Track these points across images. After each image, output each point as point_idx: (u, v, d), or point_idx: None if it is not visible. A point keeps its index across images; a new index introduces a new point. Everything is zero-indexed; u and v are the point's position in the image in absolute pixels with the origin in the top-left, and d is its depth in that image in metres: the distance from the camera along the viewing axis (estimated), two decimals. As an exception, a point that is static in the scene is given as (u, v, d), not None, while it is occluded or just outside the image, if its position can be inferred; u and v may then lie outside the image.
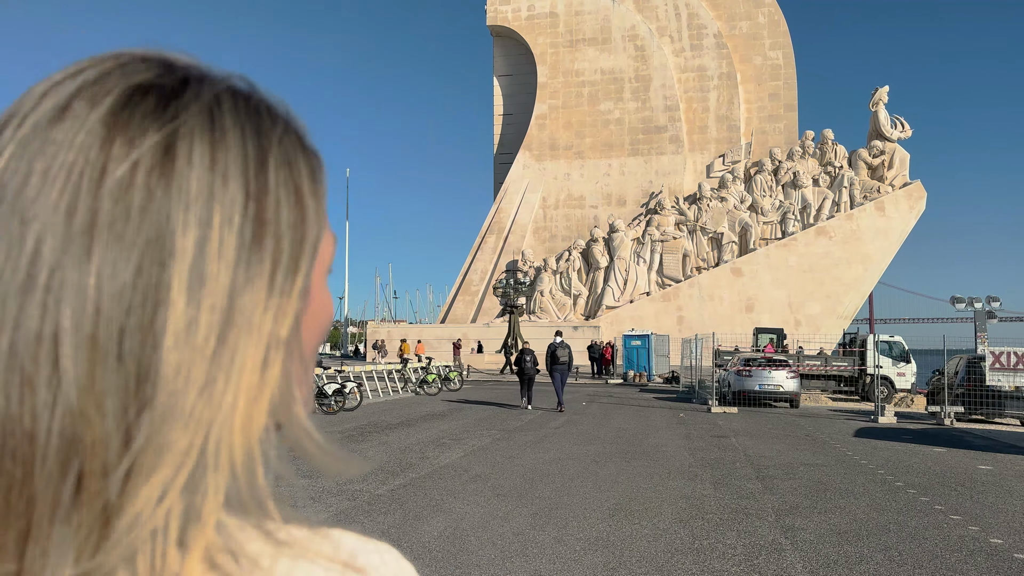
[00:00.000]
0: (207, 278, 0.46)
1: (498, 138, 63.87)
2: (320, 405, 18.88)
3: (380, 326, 61.85)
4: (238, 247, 0.47)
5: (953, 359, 22.59)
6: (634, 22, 58.84)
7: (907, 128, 52.72)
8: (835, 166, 53.43)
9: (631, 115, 58.41)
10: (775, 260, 51.45)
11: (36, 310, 0.44)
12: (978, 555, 6.97)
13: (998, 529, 8.00)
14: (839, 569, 6.46)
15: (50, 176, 0.45)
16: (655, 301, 52.80)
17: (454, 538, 7.16)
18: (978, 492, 10.09)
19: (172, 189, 0.46)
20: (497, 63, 64.06)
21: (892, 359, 30.08)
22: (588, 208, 58.60)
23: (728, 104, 57.22)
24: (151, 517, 0.43)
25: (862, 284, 50.93)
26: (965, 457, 13.58)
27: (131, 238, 0.45)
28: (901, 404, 25.97)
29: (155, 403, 0.44)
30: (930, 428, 18.90)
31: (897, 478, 11.04)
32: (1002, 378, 19.54)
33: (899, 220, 51.10)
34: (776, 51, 57.43)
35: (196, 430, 0.45)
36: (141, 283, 0.45)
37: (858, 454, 13.59)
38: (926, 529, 7.92)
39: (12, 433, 0.43)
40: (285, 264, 0.50)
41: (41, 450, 0.43)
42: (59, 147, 0.46)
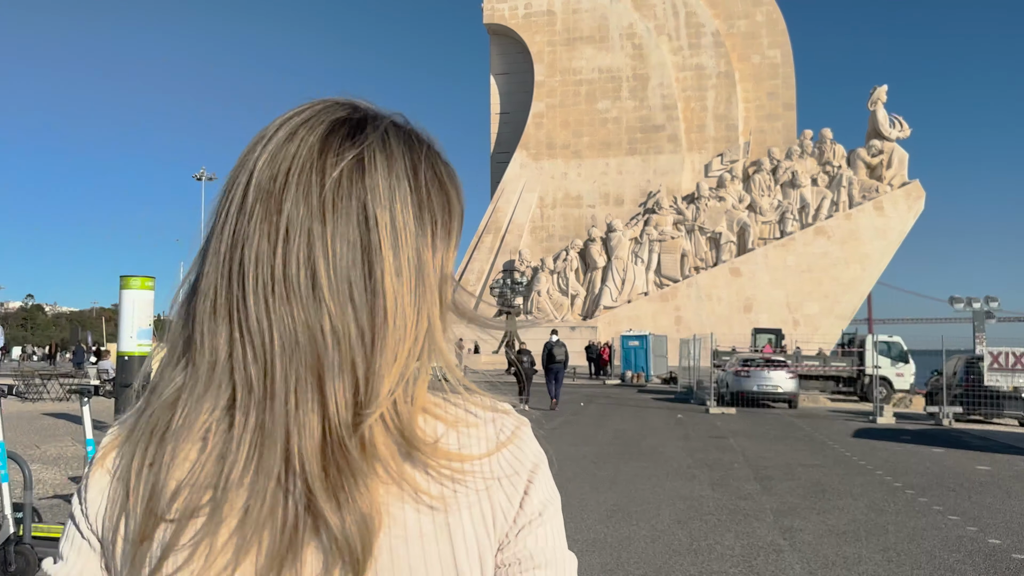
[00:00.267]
0: (399, 239, 0.78)
1: (495, 137, 63.77)
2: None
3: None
4: (413, 220, 0.79)
5: (951, 359, 22.57)
6: (632, 20, 58.77)
7: (906, 127, 52.70)
8: (834, 165, 53.39)
9: (629, 114, 58.34)
10: (773, 260, 51.42)
11: (295, 257, 0.75)
12: (976, 555, 6.93)
13: (996, 529, 7.96)
14: (837, 570, 6.42)
15: (291, 175, 0.78)
16: (653, 301, 52.75)
17: (450, 539, 7.11)
18: (976, 493, 10.05)
19: (366, 184, 0.78)
20: (494, 61, 63.97)
21: (891, 359, 30.04)
22: (586, 208, 58.52)
23: (726, 103, 57.17)
24: (390, 393, 0.77)
25: (860, 284, 50.93)
26: (963, 458, 13.54)
27: (348, 212, 0.77)
28: (900, 404, 25.94)
29: (384, 322, 0.77)
30: (929, 428, 18.87)
31: (896, 479, 11.00)
32: (1000, 378, 19.51)
33: (898, 220, 51.09)
34: (774, 50, 57.39)
35: (412, 337, 0.79)
36: (360, 241, 0.77)
37: (856, 455, 13.55)
38: (924, 530, 7.88)
39: (311, 335, 0.75)
40: (440, 230, 0.83)
41: (327, 349, 0.75)
42: (294, 158, 0.78)
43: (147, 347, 15.06)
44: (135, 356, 14.67)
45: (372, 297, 0.77)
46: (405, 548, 0.78)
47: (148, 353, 15.16)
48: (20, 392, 23.66)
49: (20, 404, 21.17)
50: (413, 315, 0.79)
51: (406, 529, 0.79)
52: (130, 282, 14.95)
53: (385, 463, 0.78)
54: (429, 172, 0.83)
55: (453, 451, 0.81)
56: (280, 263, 0.76)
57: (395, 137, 0.82)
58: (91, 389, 6.45)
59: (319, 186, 0.77)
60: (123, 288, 14.98)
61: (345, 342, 0.76)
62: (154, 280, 15.31)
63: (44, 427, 15.78)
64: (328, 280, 0.75)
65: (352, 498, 0.75)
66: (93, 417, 6.52)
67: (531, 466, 0.86)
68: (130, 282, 14.95)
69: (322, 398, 0.76)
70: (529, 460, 0.86)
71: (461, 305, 0.87)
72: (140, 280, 15.03)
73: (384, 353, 0.77)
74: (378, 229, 0.77)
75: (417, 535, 0.79)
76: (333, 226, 0.76)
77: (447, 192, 0.84)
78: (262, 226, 0.77)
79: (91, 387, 6.46)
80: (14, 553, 5.73)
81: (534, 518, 0.85)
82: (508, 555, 0.83)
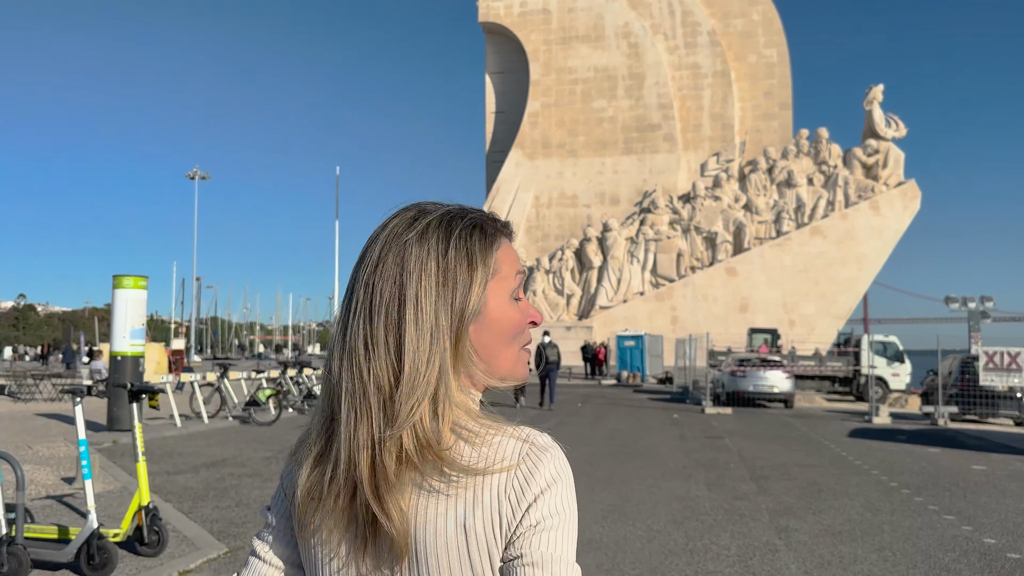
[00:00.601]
0: (420, 312, 1.04)
1: (490, 136, 63.71)
2: (310, 406, 18.76)
3: (373, 325, 61.49)
4: (436, 291, 1.06)
5: (947, 359, 22.60)
6: (628, 19, 58.76)
7: (901, 127, 52.77)
8: (829, 165, 53.45)
9: (624, 113, 58.33)
10: (769, 260, 51.46)
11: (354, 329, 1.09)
12: (972, 555, 6.93)
13: (991, 529, 7.96)
14: (833, 569, 6.41)
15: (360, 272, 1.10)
16: (649, 301, 52.75)
17: (445, 540, 7.08)
18: (972, 492, 10.06)
19: (404, 270, 1.06)
20: (489, 60, 63.90)
21: (887, 359, 30.10)
22: (581, 207, 58.51)
23: (722, 102, 57.20)
24: (412, 413, 1.02)
25: (856, 284, 50.98)
26: (959, 457, 13.56)
27: (390, 295, 1.06)
28: (896, 404, 25.97)
29: (403, 369, 1.03)
30: (924, 428, 18.90)
31: (891, 478, 11.00)
32: (995, 378, 19.54)
33: (894, 219, 51.16)
34: (770, 49, 57.43)
35: (425, 380, 1.03)
36: (395, 316, 1.05)
37: (852, 454, 13.56)
38: (920, 529, 7.88)
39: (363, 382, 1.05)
40: (460, 296, 1.06)
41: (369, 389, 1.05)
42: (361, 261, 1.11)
43: (140, 347, 14.97)
44: (128, 356, 14.58)
45: (398, 353, 1.04)
46: (433, 541, 1.02)
47: (142, 353, 15.09)
48: (12, 392, 23.57)
49: (12, 404, 21.08)
50: (425, 364, 1.03)
51: (432, 525, 1.02)
52: (123, 281, 14.87)
53: (413, 471, 1.03)
54: (459, 251, 1.08)
55: (467, 463, 1.02)
56: (344, 333, 1.09)
57: (435, 227, 1.09)
58: (84, 389, 6.41)
59: (373, 275, 1.08)
60: (116, 288, 14.90)
61: (381, 384, 1.04)
62: (147, 280, 15.22)
63: (36, 427, 15.71)
64: (369, 345, 1.06)
65: (390, 500, 1.02)
66: (85, 418, 6.48)
67: (543, 485, 1.02)
68: (123, 281, 14.87)
69: (368, 425, 1.04)
70: (542, 480, 1.03)
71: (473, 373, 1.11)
72: (133, 280, 14.94)
73: (402, 389, 1.03)
74: (406, 306, 1.05)
75: (441, 531, 1.02)
76: (379, 306, 1.06)
77: (473, 266, 1.09)
78: (343, 306, 1.12)
79: (84, 387, 6.42)
80: (6, 554, 5.69)
81: (534, 526, 1.01)
82: (508, 554, 1.01)
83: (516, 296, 1.14)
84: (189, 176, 74.34)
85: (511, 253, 1.14)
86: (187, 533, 7.20)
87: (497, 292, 1.10)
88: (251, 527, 7.52)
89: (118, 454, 12.04)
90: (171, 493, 9.14)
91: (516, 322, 1.12)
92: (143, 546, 6.40)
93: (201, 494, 9.12)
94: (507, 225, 1.18)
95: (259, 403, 16.69)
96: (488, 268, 1.09)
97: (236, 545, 6.88)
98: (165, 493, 9.10)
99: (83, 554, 5.86)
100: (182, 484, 9.75)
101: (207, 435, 14.79)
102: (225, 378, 17.81)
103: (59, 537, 6.18)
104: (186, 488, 9.48)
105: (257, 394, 16.88)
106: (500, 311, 1.10)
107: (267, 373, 19.99)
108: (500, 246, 1.12)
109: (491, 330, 1.09)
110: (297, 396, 19.16)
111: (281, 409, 17.00)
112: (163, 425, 15.69)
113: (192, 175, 74.32)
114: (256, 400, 16.72)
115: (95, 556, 5.85)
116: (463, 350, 1.07)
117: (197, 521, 7.73)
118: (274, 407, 16.70)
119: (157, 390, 7.34)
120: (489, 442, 1.04)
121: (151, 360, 25.12)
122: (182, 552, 6.59)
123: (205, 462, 11.51)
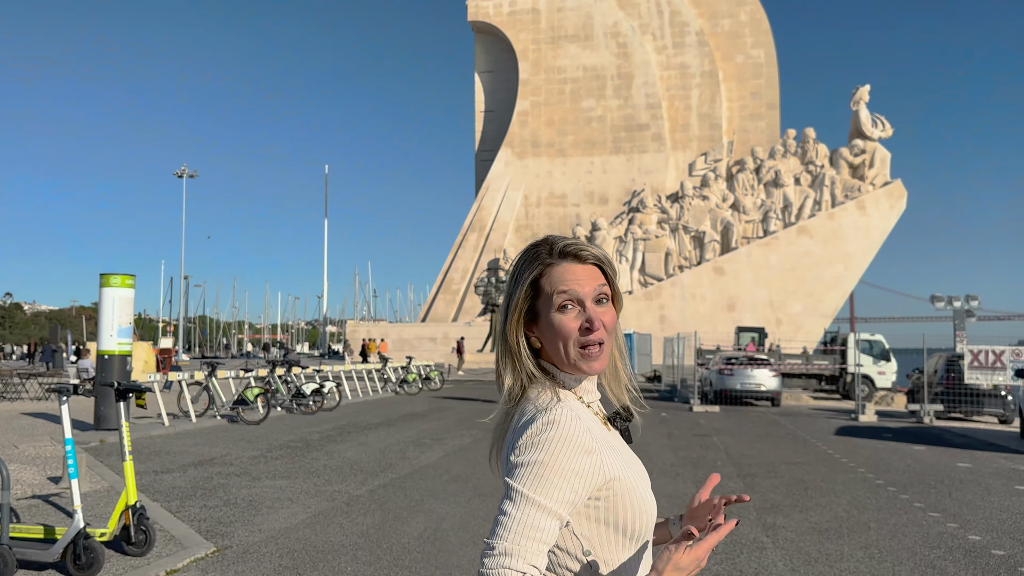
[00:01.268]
0: (499, 321, 1.60)
1: (479, 135, 63.68)
2: (298, 405, 18.71)
3: (360, 325, 61.51)
4: (505, 303, 1.59)
5: (933, 357, 22.78)
6: (616, 19, 58.86)
7: (888, 127, 53.11)
8: (816, 165, 53.74)
9: (613, 113, 58.45)
10: (757, 259, 51.69)
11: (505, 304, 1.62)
12: (957, 551, 7.00)
13: (976, 526, 8.04)
14: (820, 566, 6.45)
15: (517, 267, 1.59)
16: (637, 300, 52.87)
17: (434, 538, 7.08)
18: (957, 489, 10.15)
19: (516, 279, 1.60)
20: (478, 59, 63.87)
21: (873, 358, 30.27)
22: (570, 206, 58.60)
23: (710, 102, 57.41)
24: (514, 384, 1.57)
25: (843, 283, 51.28)
26: (944, 455, 13.67)
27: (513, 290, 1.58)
28: (882, 402, 26.14)
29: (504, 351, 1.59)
30: (910, 426, 19.04)
31: (877, 476, 11.08)
32: (980, 376, 19.71)
33: (880, 219, 51.50)
34: (758, 49, 57.68)
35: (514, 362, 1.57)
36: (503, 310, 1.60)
37: (839, 452, 13.65)
38: (905, 526, 7.94)
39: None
40: (509, 312, 1.56)
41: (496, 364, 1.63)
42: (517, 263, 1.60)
43: (127, 345, 14.88)
44: (115, 355, 14.48)
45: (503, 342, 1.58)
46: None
47: (129, 352, 15.00)
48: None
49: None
50: (501, 355, 1.59)
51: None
52: (110, 280, 14.77)
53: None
54: (521, 273, 1.57)
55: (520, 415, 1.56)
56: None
57: (522, 255, 1.60)
58: (70, 388, 6.37)
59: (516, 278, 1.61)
60: (103, 286, 14.80)
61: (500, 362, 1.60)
62: (134, 278, 15.13)
63: (22, 427, 15.59)
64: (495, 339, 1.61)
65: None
66: (72, 417, 6.44)
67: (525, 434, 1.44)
68: (110, 280, 14.77)
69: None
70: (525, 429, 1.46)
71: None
72: (120, 278, 14.84)
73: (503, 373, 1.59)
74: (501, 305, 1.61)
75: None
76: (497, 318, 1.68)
77: (520, 286, 1.56)
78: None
79: (70, 386, 6.38)
80: (-9, 554, 5.65)
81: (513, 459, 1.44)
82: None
83: (562, 306, 1.51)
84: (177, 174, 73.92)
85: (560, 276, 1.53)
86: (174, 532, 7.17)
87: (544, 305, 1.54)
88: (239, 526, 7.50)
89: (105, 453, 11.97)
90: (158, 492, 9.09)
91: (565, 329, 1.51)
92: (130, 545, 6.36)
93: (189, 493, 9.09)
94: (564, 249, 1.55)
95: (247, 402, 16.63)
96: (522, 284, 1.55)
97: (224, 544, 6.86)
98: (152, 492, 9.06)
99: (69, 554, 5.82)
100: (169, 483, 9.71)
101: (195, 434, 14.72)
102: (213, 377, 17.73)
103: (45, 537, 6.14)
104: (174, 487, 9.44)
105: (245, 393, 16.82)
106: (545, 318, 1.53)
107: (255, 372, 19.92)
108: (542, 271, 1.55)
109: (543, 331, 1.54)
110: (285, 395, 19.09)
111: (269, 408, 16.93)
112: (151, 424, 15.61)
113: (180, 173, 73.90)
114: (244, 399, 16.66)
115: (81, 556, 5.81)
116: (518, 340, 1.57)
117: (184, 520, 7.70)
118: (262, 406, 16.64)
119: (144, 389, 7.30)
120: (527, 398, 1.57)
121: (139, 359, 24.98)
122: (169, 551, 6.57)
123: (193, 461, 11.46)
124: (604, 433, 1.53)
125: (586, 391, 1.58)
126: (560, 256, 1.53)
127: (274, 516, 7.91)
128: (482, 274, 55.63)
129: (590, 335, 1.49)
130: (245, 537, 7.11)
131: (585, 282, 1.51)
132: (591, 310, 1.51)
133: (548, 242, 1.56)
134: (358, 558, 6.41)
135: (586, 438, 1.42)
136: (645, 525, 1.49)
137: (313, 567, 6.18)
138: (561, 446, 1.39)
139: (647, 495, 1.51)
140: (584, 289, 1.51)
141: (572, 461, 1.39)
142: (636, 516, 1.47)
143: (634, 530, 1.47)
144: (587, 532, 1.45)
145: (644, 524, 1.49)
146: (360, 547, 6.75)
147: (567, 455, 1.39)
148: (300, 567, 6.18)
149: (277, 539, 7.04)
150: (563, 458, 1.38)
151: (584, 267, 1.53)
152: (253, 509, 8.22)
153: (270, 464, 11.26)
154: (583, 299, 1.51)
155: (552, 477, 1.37)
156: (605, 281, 1.54)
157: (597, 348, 1.50)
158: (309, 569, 6.13)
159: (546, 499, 1.36)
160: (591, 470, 1.41)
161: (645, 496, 1.50)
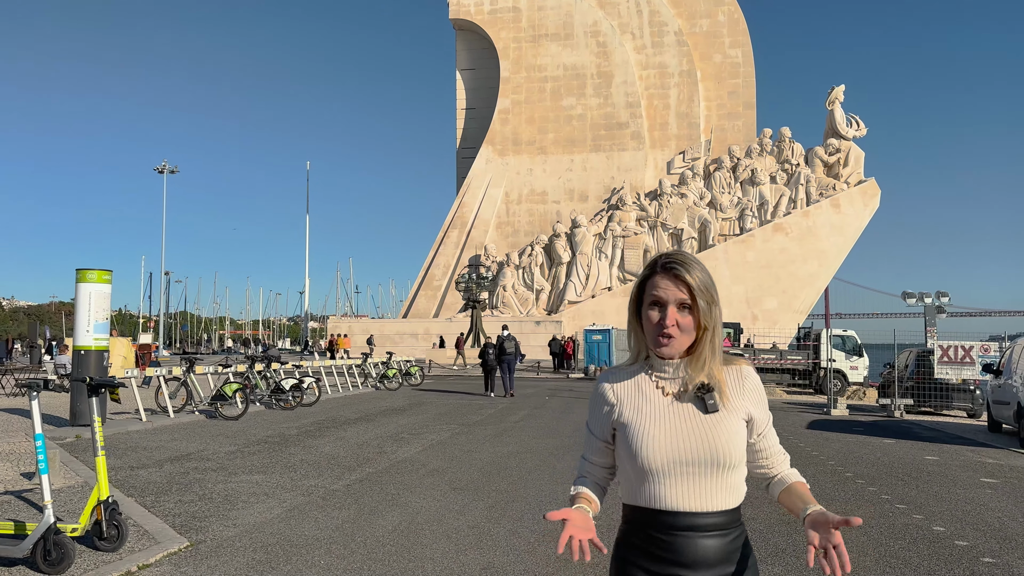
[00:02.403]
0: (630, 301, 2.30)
1: (460, 132, 63.65)
2: (277, 401, 18.67)
3: (341, 321, 61.25)
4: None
5: (903, 353, 23.13)
6: (596, 18, 59.04)
7: (862, 126, 53.73)
8: (792, 163, 54.27)
9: (593, 111, 58.65)
10: (733, 256, 52.12)
11: None
12: (921, 543, 7.15)
13: (941, 517, 8.21)
14: (787, 558, 6.58)
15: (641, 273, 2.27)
16: (616, 296, 53.13)
17: (408, 532, 7.14)
18: (924, 482, 10.35)
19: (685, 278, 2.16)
20: (460, 57, 63.81)
21: (845, 353, 30.66)
22: (551, 203, 58.74)
23: (688, 101, 57.76)
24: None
25: (817, 280, 51.85)
26: (913, 448, 13.91)
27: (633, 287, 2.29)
28: (853, 397, 26.52)
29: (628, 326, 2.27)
30: (880, 420, 19.34)
31: (847, 469, 11.28)
32: (950, 371, 20.06)
33: (854, 217, 52.11)
34: (736, 49, 58.10)
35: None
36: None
37: (810, 446, 13.85)
38: (872, 518, 8.10)
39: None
40: (631, 301, 2.24)
41: None
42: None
43: (104, 341, 14.77)
44: (92, 350, 14.37)
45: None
46: None
47: (106, 347, 14.89)
48: (-29, 388, 23.08)
49: (-30, 401, 20.65)
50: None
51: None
52: (87, 275, 14.65)
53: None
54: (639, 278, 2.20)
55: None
56: None
57: (647, 264, 2.20)
58: (40, 384, 6.36)
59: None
60: (79, 281, 14.68)
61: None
62: (111, 274, 15.02)
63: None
64: None
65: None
66: (50, 413, 6.43)
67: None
68: (87, 275, 14.65)
69: None
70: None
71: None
72: (97, 273, 14.73)
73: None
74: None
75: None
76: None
77: (635, 286, 2.19)
78: None
79: (40, 382, 6.37)
80: (-38, 550, 5.63)
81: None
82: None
83: (651, 304, 2.11)
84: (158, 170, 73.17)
85: (655, 283, 2.11)
86: (148, 527, 7.17)
87: (645, 301, 2.13)
88: (214, 520, 7.52)
89: (80, 449, 11.90)
90: (133, 488, 9.08)
91: (645, 317, 2.13)
92: (102, 541, 6.36)
93: (164, 488, 9.08)
94: (663, 264, 2.13)
95: (226, 397, 16.58)
96: (635, 284, 2.17)
97: (198, 539, 6.87)
98: (127, 488, 9.04)
99: (39, 549, 5.81)
100: (145, 478, 9.69)
101: (172, 429, 14.66)
102: (191, 372, 17.65)
103: (15, 532, 6.13)
104: (149, 482, 9.43)
105: (224, 388, 16.77)
106: (644, 311, 2.14)
107: (234, 367, 19.84)
108: (648, 277, 2.15)
109: (644, 320, 2.14)
110: (264, 391, 19.05)
111: (248, 403, 16.89)
112: (128, 420, 15.52)
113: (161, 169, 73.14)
114: (223, 394, 16.61)
115: (51, 551, 5.81)
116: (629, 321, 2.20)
117: (159, 515, 7.70)
118: (241, 401, 16.60)
119: (117, 384, 7.29)
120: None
121: (118, 355, 24.75)
122: (142, 546, 6.57)
123: (169, 456, 11.43)
124: (642, 397, 2.15)
125: (665, 366, 2.15)
126: (661, 269, 2.12)
127: (249, 511, 7.93)
128: (463, 270, 55.62)
129: (662, 330, 2.08)
130: (219, 531, 7.13)
131: (670, 292, 2.08)
132: (670, 312, 2.07)
133: (659, 256, 2.16)
134: (331, 552, 6.45)
135: (608, 396, 2.20)
136: (647, 455, 2.08)
137: (287, 560, 6.22)
138: (592, 399, 2.30)
139: (656, 436, 2.08)
140: (667, 296, 2.08)
141: (594, 408, 2.27)
142: (639, 448, 2.09)
143: (638, 455, 2.10)
144: (619, 449, 2.19)
145: (646, 454, 2.08)
146: (334, 540, 6.79)
147: (592, 404, 2.29)
148: (273, 560, 6.22)
149: (251, 533, 7.06)
150: (591, 406, 2.30)
151: (674, 280, 2.09)
152: (228, 504, 8.23)
153: (247, 459, 11.25)
154: (665, 303, 2.08)
155: (590, 414, 2.31)
156: (688, 296, 2.08)
157: (667, 339, 2.09)
158: (282, 563, 6.16)
159: (590, 423, 2.30)
160: (603, 415, 2.23)
161: (655, 437, 2.08)
